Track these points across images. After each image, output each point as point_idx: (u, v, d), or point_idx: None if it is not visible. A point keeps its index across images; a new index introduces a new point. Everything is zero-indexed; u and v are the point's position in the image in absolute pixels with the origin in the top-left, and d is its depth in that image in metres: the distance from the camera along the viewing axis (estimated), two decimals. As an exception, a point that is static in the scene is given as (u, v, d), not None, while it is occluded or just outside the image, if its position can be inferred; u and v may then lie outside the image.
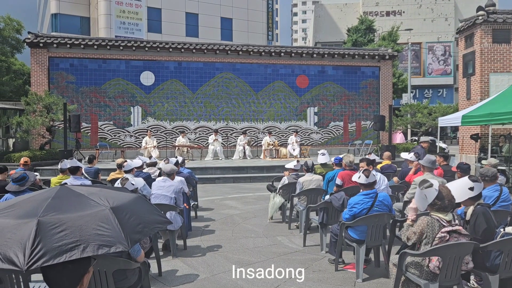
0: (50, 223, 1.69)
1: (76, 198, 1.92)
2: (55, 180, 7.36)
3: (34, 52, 17.90)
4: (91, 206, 1.86)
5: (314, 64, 20.70)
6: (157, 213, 2.22)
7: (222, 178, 13.94)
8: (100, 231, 1.73)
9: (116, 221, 1.81)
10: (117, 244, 1.72)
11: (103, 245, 1.69)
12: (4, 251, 1.62)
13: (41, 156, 14.70)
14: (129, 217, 1.93)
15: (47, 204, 1.81)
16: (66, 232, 1.67)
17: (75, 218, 1.74)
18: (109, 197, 1.99)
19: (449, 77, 43.51)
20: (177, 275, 5.00)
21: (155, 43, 19.06)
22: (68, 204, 1.85)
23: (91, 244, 1.66)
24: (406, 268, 3.65)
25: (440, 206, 3.49)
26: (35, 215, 1.73)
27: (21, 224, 1.69)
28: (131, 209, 2.00)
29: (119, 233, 1.77)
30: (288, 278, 4.79)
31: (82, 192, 1.99)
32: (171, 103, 19.32)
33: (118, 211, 1.90)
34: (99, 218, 1.79)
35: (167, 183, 5.87)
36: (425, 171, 6.15)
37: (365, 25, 34.60)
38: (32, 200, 1.91)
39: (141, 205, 2.15)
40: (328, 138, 20.92)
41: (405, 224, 3.74)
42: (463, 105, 15.11)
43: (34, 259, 1.56)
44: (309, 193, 6.83)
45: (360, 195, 4.73)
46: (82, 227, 1.71)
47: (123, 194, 2.14)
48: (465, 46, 15.08)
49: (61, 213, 1.76)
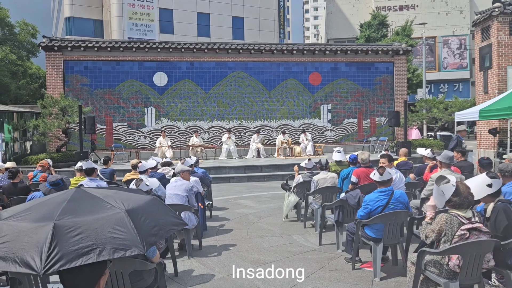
0: (66, 226, 1.70)
1: (92, 201, 1.93)
2: (72, 181, 7.45)
3: (49, 56, 18.16)
4: (107, 209, 1.86)
5: (326, 61, 20.55)
6: (172, 215, 2.21)
7: (236, 177, 13.94)
8: (116, 235, 1.73)
9: (132, 224, 1.80)
10: (132, 247, 1.72)
11: (118, 248, 1.69)
12: (21, 255, 1.63)
13: (57, 158, 14.90)
14: (144, 220, 1.92)
15: (63, 207, 1.82)
16: (82, 235, 1.67)
17: (90, 222, 1.74)
18: (124, 199, 1.98)
19: (465, 71, 42.76)
20: (193, 275, 5.01)
21: (167, 44, 19.16)
22: (84, 207, 1.86)
23: (107, 248, 1.66)
24: (425, 266, 3.58)
25: (458, 202, 3.42)
26: (52, 218, 1.73)
27: (37, 227, 1.70)
28: (146, 211, 1.99)
29: (134, 236, 1.76)
30: (305, 277, 4.75)
31: (97, 195, 1.99)
32: (184, 103, 19.40)
33: (133, 213, 1.89)
34: (115, 221, 1.78)
35: (179, 182, 5.91)
36: (443, 167, 6.04)
37: (378, 20, 34.22)
38: (48, 203, 1.92)
39: (156, 207, 2.14)
40: (342, 135, 20.76)
41: (424, 222, 3.66)
42: (480, 99, 14.83)
43: (50, 263, 1.57)
44: (324, 191, 6.77)
45: (375, 192, 4.66)
46: (98, 231, 1.71)
47: (138, 196, 2.14)
48: (482, 39, 14.78)
49: (77, 216, 1.76)
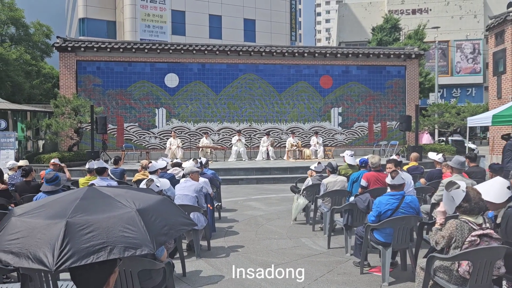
0: (78, 224, 1.73)
1: (103, 200, 1.95)
2: (82, 181, 7.53)
3: (62, 56, 18.40)
4: (118, 208, 1.89)
5: (338, 64, 20.49)
6: (183, 215, 2.24)
7: (246, 179, 13.96)
8: (127, 233, 1.76)
9: (142, 223, 1.83)
10: (142, 246, 1.74)
11: (129, 247, 1.71)
12: (34, 251, 1.66)
13: (69, 157, 15.08)
14: (155, 219, 1.94)
15: (75, 205, 1.85)
16: (94, 233, 1.70)
17: (102, 220, 1.77)
18: (135, 198, 2.01)
19: (479, 75, 42.29)
20: (201, 275, 5.03)
21: (179, 46, 19.28)
22: (96, 205, 1.89)
23: (118, 246, 1.68)
24: (434, 272, 3.55)
25: (468, 208, 3.38)
26: (64, 216, 1.77)
27: (50, 224, 1.74)
28: (157, 211, 2.01)
29: (145, 235, 1.79)
30: (313, 280, 4.74)
31: (109, 194, 2.02)
32: (195, 105, 19.49)
33: (144, 213, 1.91)
34: (126, 220, 1.81)
35: (188, 183, 5.93)
36: (454, 172, 6.00)
37: (390, 24, 34.06)
38: (61, 200, 1.96)
39: (166, 207, 2.17)
40: (353, 139, 20.67)
41: (434, 228, 3.63)
42: (493, 104, 14.66)
43: (62, 259, 1.60)
44: (334, 194, 6.75)
45: (385, 195, 4.64)
46: (109, 229, 1.73)
47: (149, 195, 2.16)
48: (496, 44, 14.63)
49: (89, 214, 1.80)
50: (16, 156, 14.32)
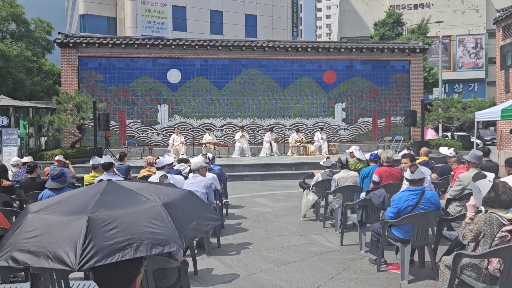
0: (100, 219, 1.57)
1: (125, 194, 1.80)
2: (88, 178, 7.38)
3: (64, 52, 18.22)
4: (142, 202, 1.73)
5: (341, 59, 20.30)
6: (208, 210, 2.08)
7: (250, 175, 13.81)
8: (153, 229, 1.60)
9: (169, 218, 1.67)
10: (171, 243, 1.59)
11: (156, 244, 1.55)
12: (54, 250, 1.51)
13: (72, 154, 14.93)
14: (181, 214, 1.79)
15: (96, 200, 1.69)
16: (117, 229, 1.54)
17: (126, 215, 1.61)
18: (159, 192, 1.85)
19: (481, 70, 42.07)
20: (213, 274, 4.88)
21: (181, 41, 19.09)
22: (118, 200, 1.73)
23: (144, 243, 1.53)
24: (461, 270, 3.40)
25: (495, 200, 3.23)
26: (85, 211, 1.61)
27: (70, 221, 1.58)
28: (183, 205, 1.85)
29: (172, 231, 1.63)
30: (329, 279, 4.60)
31: (131, 188, 1.86)
32: (198, 101, 19.33)
33: (170, 207, 1.76)
34: (151, 215, 1.65)
35: (197, 179, 5.77)
36: (471, 167, 5.84)
37: (393, 18, 33.78)
38: (80, 196, 1.80)
39: (192, 201, 2.01)
40: (357, 135, 20.50)
41: (463, 222, 3.48)
42: (501, 98, 14.48)
43: (86, 258, 1.45)
44: (345, 190, 6.60)
45: (405, 191, 4.48)
46: (134, 225, 1.58)
47: (173, 189, 2.01)
48: (503, 37, 14.43)
49: (111, 210, 1.64)
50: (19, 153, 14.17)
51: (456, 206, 5.78)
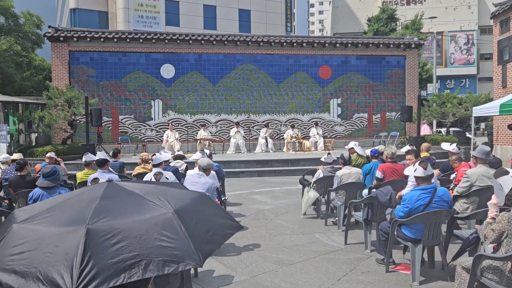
0: (102, 232, 1.29)
1: (130, 198, 1.52)
2: (80, 175, 7.11)
3: (54, 46, 17.79)
4: (150, 209, 1.45)
5: (337, 54, 20.09)
6: (226, 216, 1.81)
7: (246, 172, 13.59)
8: (165, 243, 1.33)
9: (183, 229, 1.40)
10: (186, 259, 1.33)
11: (169, 261, 1.29)
12: (45, 270, 1.23)
13: (63, 151, 14.58)
14: (196, 223, 1.50)
15: (95, 206, 1.40)
16: (123, 244, 1.27)
17: (132, 225, 1.34)
18: (169, 196, 1.55)
19: (472, 66, 42.24)
20: (214, 275, 4.66)
21: (174, 35, 18.75)
22: (121, 206, 1.44)
23: (155, 260, 1.27)
24: (481, 272, 3.21)
25: None
26: (83, 221, 1.32)
27: (65, 233, 1.29)
28: (197, 211, 1.57)
29: (187, 244, 1.36)
30: (336, 280, 4.40)
31: (136, 191, 1.57)
32: (192, 96, 19.02)
33: (183, 215, 1.48)
34: (162, 225, 1.38)
35: (202, 179, 5.43)
36: (478, 163, 5.67)
37: (387, 14, 33.65)
38: (76, 201, 1.50)
39: (207, 206, 1.71)
40: (352, 130, 20.35)
41: (485, 222, 3.29)
42: (498, 93, 14.39)
43: (85, 281, 1.17)
44: (348, 187, 6.40)
45: (416, 189, 4.27)
46: (142, 237, 1.31)
47: (183, 192, 1.71)
48: (500, 32, 14.32)
49: (114, 218, 1.35)
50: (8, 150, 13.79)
51: (463, 203, 5.61)
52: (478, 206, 5.53)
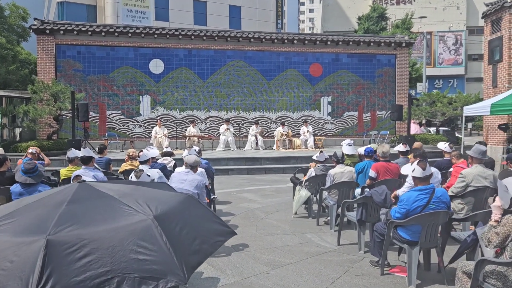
0: (66, 243, 1.06)
1: (102, 202, 1.26)
2: (64, 172, 6.83)
3: (40, 39, 17.34)
4: (126, 215, 1.21)
5: (327, 52, 19.96)
6: (216, 220, 1.58)
7: (236, 170, 13.38)
8: (142, 255, 1.11)
9: (165, 238, 1.16)
10: (168, 275, 1.11)
11: (147, 277, 1.07)
12: None
13: (48, 146, 14.20)
14: (180, 230, 1.26)
15: (61, 212, 1.16)
16: (91, 258, 1.04)
17: (103, 235, 1.10)
18: (150, 199, 1.31)
19: (460, 67, 42.61)
20: (202, 277, 4.46)
21: (164, 30, 18.43)
22: (92, 211, 1.19)
23: (129, 277, 1.05)
24: (483, 277, 3.06)
25: None
26: (43, 231, 1.08)
27: (22, 245, 1.05)
28: (182, 216, 1.31)
29: (169, 256, 1.13)
30: (330, 283, 4.23)
31: (110, 193, 1.30)
32: (181, 92, 18.72)
33: (165, 221, 1.24)
34: (139, 234, 1.14)
35: (190, 176, 5.24)
36: (474, 162, 5.55)
37: (377, 13, 33.65)
38: (39, 205, 1.24)
39: (194, 209, 1.46)
40: (342, 129, 20.26)
41: (488, 225, 3.15)
42: (488, 93, 14.39)
43: None
44: (341, 186, 6.24)
45: (414, 190, 4.12)
46: (115, 249, 1.07)
47: (168, 194, 1.43)
48: (491, 32, 14.30)
49: (81, 227, 1.11)
50: (-10, 145, 13.37)
51: (459, 204, 5.49)
52: (473, 207, 5.42)
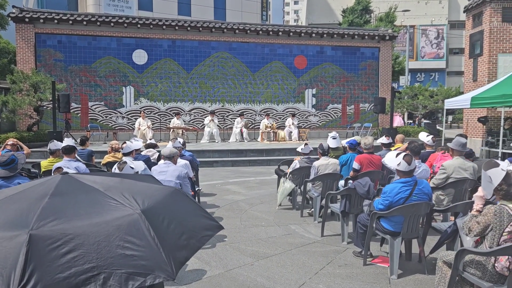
0: (49, 238, 1.04)
1: (87, 196, 1.25)
2: (45, 163, 6.71)
3: (19, 28, 16.89)
4: (112, 209, 1.20)
5: (312, 44, 19.99)
6: (203, 214, 1.59)
7: (221, 162, 13.36)
8: (129, 251, 1.10)
9: (152, 233, 1.16)
10: (155, 270, 1.11)
11: (134, 273, 1.07)
12: None
13: (28, 138, 13.92)
14: (168, 224, 1.27)
15: (43, 206, 1.14)
16: (76, 253, 1.03)
17: (88, 230, 1.09)
18: (137, 192, 1.29)
19: (442, 60, 43.21)
20: (187, 270, 4.45)
21: (147, 20, 18.15)
22: (76, 205, 1.17)
23: (116, 273, 1.04)
24: (463, 267, 3.14)
25: (508, 191, 2.97)
26: (25, 225, 1.06)
27: (2, 240, 1.04)
28: (169, 211, 1.33)
29: (157, 252, 1.13)
30: (313, 274, 4.27)
31: (96, 186, 1.31)
32: (165, 84, 18.53)
33: (153, 215, 1.24)
34: (126, 228, 1.14)
35: (171, 167, 5.22)
36: (455, 154, 5.65)
37: (361, 6, 33.83)
38: (20, 198, 1.23)
39: (182, 203, 1.47)
40: (326, 121, 20.39)
41: (469, 214, 3.22)
42: (468, 87, 14.64)
43: None
44: (325, 178, 6.29)
45: (397, 182, 4.18)
46: (101, 245, 1.07)
47: (154, 187, 1.43)
48: (473, 26, 14.52)
49: (66, 221, 1.10)
50: (-32, 136, 13.02)
51: (439, 195, 5.59)
52: (453, 198, 5.54)
